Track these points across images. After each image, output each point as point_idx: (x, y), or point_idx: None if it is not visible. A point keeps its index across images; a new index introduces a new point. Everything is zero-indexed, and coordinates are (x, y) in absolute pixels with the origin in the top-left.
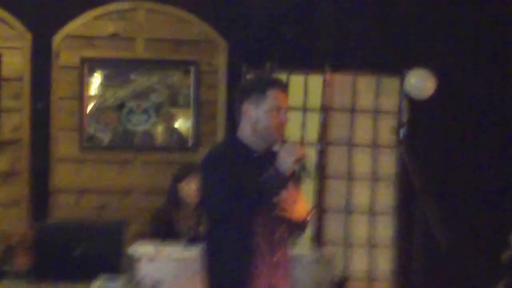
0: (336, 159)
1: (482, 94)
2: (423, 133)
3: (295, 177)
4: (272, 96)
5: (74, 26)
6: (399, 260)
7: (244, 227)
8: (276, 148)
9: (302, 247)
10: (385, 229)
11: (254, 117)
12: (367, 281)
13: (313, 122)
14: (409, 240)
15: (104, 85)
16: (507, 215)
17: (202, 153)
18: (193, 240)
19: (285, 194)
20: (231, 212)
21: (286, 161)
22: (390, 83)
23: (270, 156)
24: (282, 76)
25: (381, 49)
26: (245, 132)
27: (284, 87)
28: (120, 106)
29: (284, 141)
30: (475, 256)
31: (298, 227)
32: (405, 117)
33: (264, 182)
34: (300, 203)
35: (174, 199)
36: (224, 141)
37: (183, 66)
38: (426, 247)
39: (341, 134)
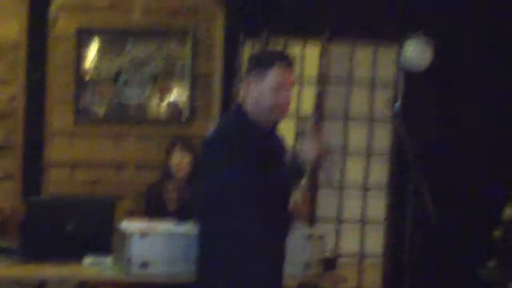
0: (331, 132)
1: (480, 65)
2: (419, 106)
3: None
4: (276, 73)
5: None
6: (391, 236)
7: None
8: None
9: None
10: (378, 205)
11: (257, 92)
12: (359, 258)
13: (309, 93)
14: (402, 216)
15: (100, 55)
16: (501, 191)
17: (197, 126)
18: (185, 216)
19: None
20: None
21: (308, 156)
22: (387, 54)
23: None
24: (278, 45)
25: (379, 18)
26: (249, 106)
27: (290, 63)
28: (116, 77)
29: (303, 133)
30: (467, 232)
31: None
32: (401, 89)
33: (282, 171)
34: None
35: (166, 172)
36: (231, 118)
37: (180, 35)
38: (418, 223)
39: (336, 106)
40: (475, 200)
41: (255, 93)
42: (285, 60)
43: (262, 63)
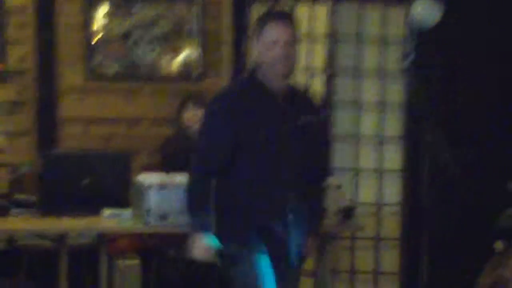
0: (343, 88)
1: (489, 22)
2: (430, 62)
3: None
4: (268, 30)
5: None
6: (408, 186)
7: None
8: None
9: None
10: (394, 156)
11: (257, 51)
12: (375, 208)
13: (320, 51)
14: (419, 166)
15: (110, 15)
16: None
17: (208, 83)
18: None
19: None
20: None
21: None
22: (396, 12)
23: (291, 97)
24: (290, 4)
25: None
26: (258, 68)
27: (283, 19)
28: (126, 36)
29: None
30: (483, 183)
31: None
32: (412, 46)
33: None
34: None
35: (179, 128)
36: (239, 80)
37: None
38: (435, 174)
39: (348, 63)
40: (493, 149)
41: (257, 52)
42: (279, 17)
43: (259, 22)
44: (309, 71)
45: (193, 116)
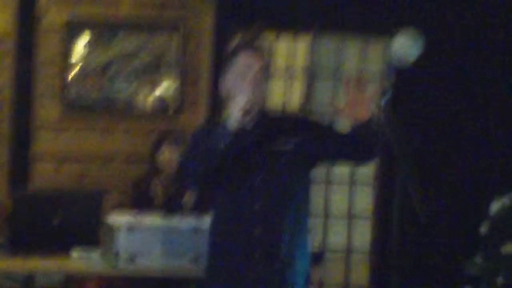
0: None
1: (469, 59)
2: (407, 100)
3: None
4: (238, 62)
5: None
6: (378, 232)
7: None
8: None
9: None
10: (365, 200)
11: (228, 83)
12: (346, 252)
13: (298, 86)
14: (389, 211)
15: (89, 48)
16: (488, 186)
17: (184, 120)
18: (172, 209)
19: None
20: (189, 176)
21: (232, 114)
22: (376, 48)
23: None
24: (270, 37)
25: (369, 12)
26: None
27: (253, 49)
28: (104, 70)
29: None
30: (455, 227)
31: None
32: (389, 83)
33: (212, 138)
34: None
35: (152, 167)
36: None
37: (169, 28)
38: (405, 219)
39: (324, 99)
40: (462, 195)
41: (227, 84)
42: (247, 47)
43: (229, 55)
44: (286, 106)
45: (167, 156)
